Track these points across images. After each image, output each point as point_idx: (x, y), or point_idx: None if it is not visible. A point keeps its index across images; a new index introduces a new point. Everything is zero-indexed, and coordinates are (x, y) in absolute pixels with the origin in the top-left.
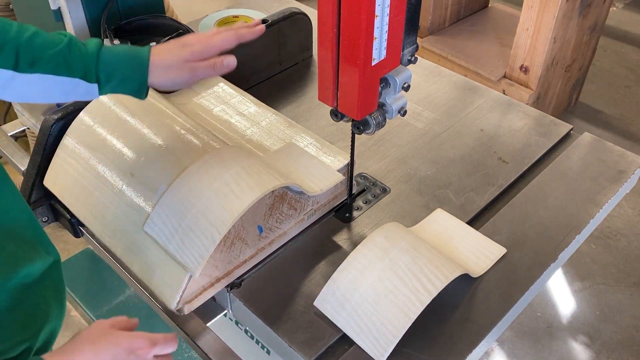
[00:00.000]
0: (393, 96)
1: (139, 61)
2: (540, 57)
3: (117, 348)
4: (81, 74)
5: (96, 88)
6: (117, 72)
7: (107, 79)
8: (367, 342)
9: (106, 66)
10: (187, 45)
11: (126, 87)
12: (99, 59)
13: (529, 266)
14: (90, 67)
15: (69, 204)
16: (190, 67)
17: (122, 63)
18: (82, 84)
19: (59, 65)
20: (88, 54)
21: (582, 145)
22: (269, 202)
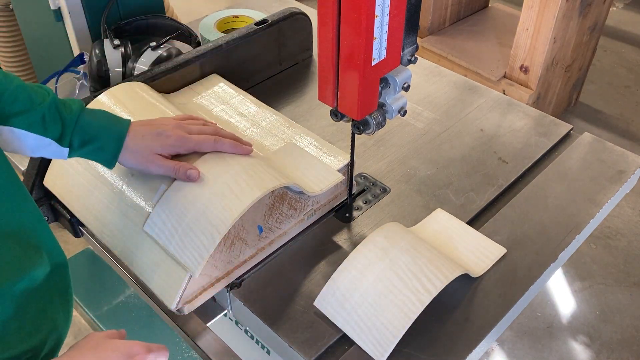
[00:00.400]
0: (393, 96)
1: (115, 136)
2: (540, 57)
3: (117, 353)
4: (56, 136)
5: (66, 152)
6: (92, 142)
7: (80, 146)
8: (367, 342)
9: (82, 134)
10: (163, 136)
11: (97, 157)
12: (77, 125)
13: (529, 266)
14: (67, 132)
15: (69, 204)
16: (154, 161)
17: (100, 134)
18: (53, 145)
19: (34, 123)
20: (67, 119)
21: (582, 145)
22: (269, 202)
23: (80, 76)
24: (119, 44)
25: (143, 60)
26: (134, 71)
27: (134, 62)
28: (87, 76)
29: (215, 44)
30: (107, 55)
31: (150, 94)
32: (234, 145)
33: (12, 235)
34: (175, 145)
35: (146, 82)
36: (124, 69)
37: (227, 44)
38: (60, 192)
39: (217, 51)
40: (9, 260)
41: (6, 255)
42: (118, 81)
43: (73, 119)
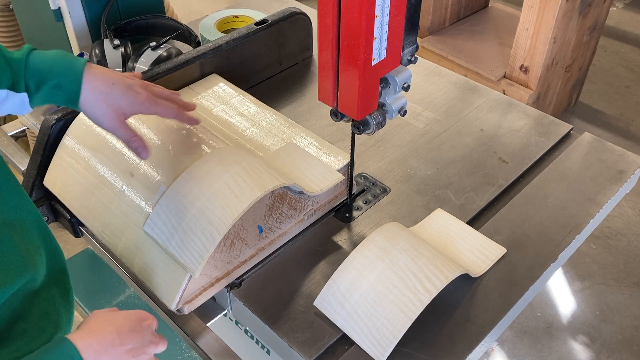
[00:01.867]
0: (393, 96)
1: (71, 71)
2: (540, 57)
3: (129, 320)
4: (8, 84)
5: (26, 98)
6: (47, 80)
7: (36, 87)
8: (367, 342)
9: (36, 74)
10: (132, 91)
11: (57, 97)
12: (27, 65)
13: (529, 266)
14: (19, 75)
15: (69, 204)
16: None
17: (54, 70)
18: (10, 95)
19: None
20: (14, 60)
21: (582, 145)
22: (269, 202)
23: None
24: (119, 44)
25: (143, 60)
26: (134, 71)
27: (134, 62)
28: None
29: (215, 44)
30: (107, 55)
31: None
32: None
33: (16, 232)
34: (143, 106)
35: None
36: (124, 69)
37: (227, 44)
38: (60, 192)
39: (217, 51)
40: (14, 258)
41: (11, 253)
42: None
43: (21, 60)
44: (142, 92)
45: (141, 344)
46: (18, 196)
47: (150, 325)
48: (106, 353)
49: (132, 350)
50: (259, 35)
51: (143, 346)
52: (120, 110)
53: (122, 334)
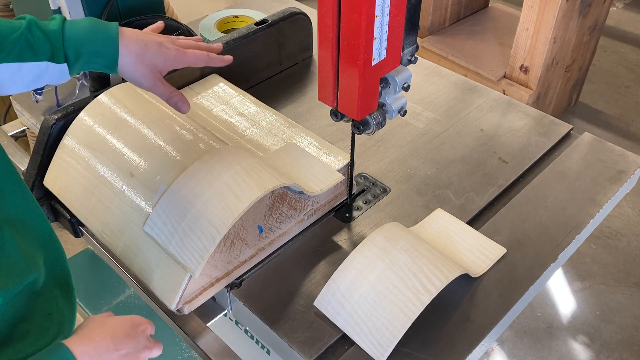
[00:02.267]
0: (393, 96)
1: (107, 37)
2: (540, 57)
3: (124, 325)
4: (48, 56)
5: (66, 68)
6: (86, 48)
7: (76, 57)
8: (367, 342)
9: (74, 44)
10: (163, 47)
11: (97, 64)
12: (64, 36)
13: (529, 266)
14: (57, 47)
15: (69, 204)
16: (155, 78)
17: (90, 38)
18: (51, 66)
19: (22, 51)
20: (52, 33)
21: (582, 145)
22: (269, 202)
23: (80, 76)
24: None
25: None
26: None
27: None
28: (87, 76)
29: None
30: None
31: (150, 94)
32: (220, 59)
33: (18, 232)
34: (175, 60)
35: None
36: None
37: (227, 44)
38: (60, 192)
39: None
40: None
41: (13, 254)
42: (118, 81)
43: (58, 32)
44: (171, 47)
45: (135, 349)
46: (22, 196)
47: (144, 330)
48: (101, 358)
49: (127, 355)
50: (259, 35)
51: (137, 351)
52: (156, 68)
53: (117, 339)
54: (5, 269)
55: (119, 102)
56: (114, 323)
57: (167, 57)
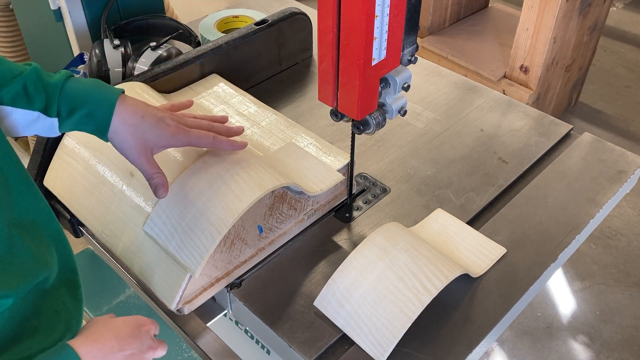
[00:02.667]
0: (393, 96)
1: (105, 101)
2: (540, 57)
3: (128, 326)
4: (41, 107)
5: (56, 123)
6: (80, 108)
7: (68, 113)
8: (367, 342)
9: (69, 100)
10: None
11: (88, 125)
12: (62, 91)
13: (529, 266)
14: (52, 100)
15: (69, 204)
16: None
17: (88, 99)
18: (41, 117)
19: (17, 96)
20: (51, 85)
21: (582, 145)
22: (269, 202)
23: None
24: (119, 44)
25: (143, 60)
26: (134, 71)
27: (134, 62)
28: (87, 76)
29: (215, 44)
30: (107, 55)
31: (150, 94)
32: (230, 143)
33: (27, 232)
34: (173, 138)
35: (146, 82)
36: (124, 69)
37: (227, 44)
38: (60, 192)
39: (217, 51)
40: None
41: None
42: (118, 81)
43: (57, 85)
44: (172, 125)
45: (140, 350)
46: (31, 196)
47: (149, 330)
48: (106, 358)
49: (132, 356)
50: (259, 35)
51: (141, 352)
52: (148, 144)
53: (121, 340)
54: (15, 269)
55: None
56: (118, 323)
57: (163, 134)
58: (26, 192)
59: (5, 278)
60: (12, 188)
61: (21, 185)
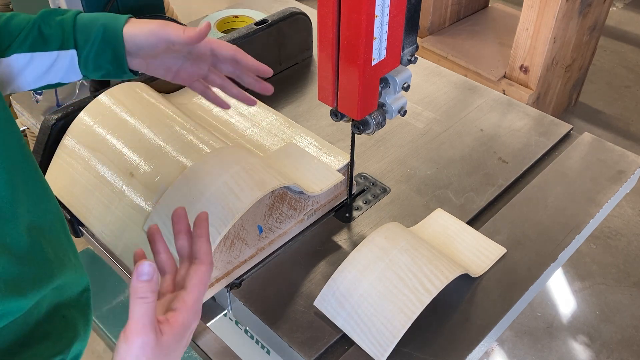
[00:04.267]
0: (393, 96)
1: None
2: (540, 57)
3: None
4: (58, 45)
5: (75, 56)
6: (94, 30)
7: (85, 41)
8: (367, 342)
9: (83, 28)
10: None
11: (105, 51)
12: (76, 22)
13: (529, 266)
14: (68, 32)
15: (69, 204)
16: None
17: (99, 22)
18: (61, 54)
19: (35, 41)
20: (64, 20)
21: (582, 145)
22: (269, 202)
23: None
24: None
25: None
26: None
27: None
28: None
29: None
30: None
31: (150, 94)
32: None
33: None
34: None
35: (146, 82)
36: None
37: None
38: (60, 192)
39: None
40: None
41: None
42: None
43: (71, 19)
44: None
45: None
46: (47, 199)
47: None
48: None
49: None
50: (259, 35)
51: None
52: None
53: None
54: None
55: (119, 102)
56: None
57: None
58: (43, 195)
59: (23, 281)
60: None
61: (39, 189)
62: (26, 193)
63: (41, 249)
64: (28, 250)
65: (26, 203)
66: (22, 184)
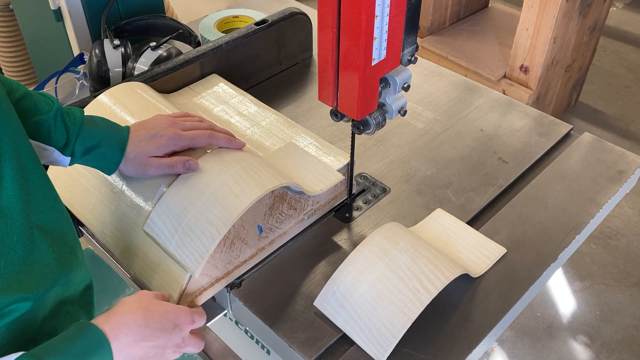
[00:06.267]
0: (393, 96)
1: (117, 143)
2: (540, 57)
3: (165, 319)
4: (60, 146)
5: (67, 160)
6: (94, 150)
7: (82, 154)
8: (367, 342)
9: (85, 142)
10: (157, 137)
11: (98, 164)
12: (80, 134)
13: (529, 266)
14: (70, 141)
15: (69, 204)
16: (150, 164)
17: (102, 142)
18: (55, 153)
19: (40, 133)
20: (71, 128)
21: (582, 145)
22: (269, 202)
23: (80, 76)
24: (119, 44)
25: (143, 60)
26: (134, 71)
27: (134, 62)
28: (87, 76)
29: (215, 44)
30: (107, 55)
31: (150, 94)
32: (228, 139)
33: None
34: (169, 144)
35: (146, 82)
36: (124, 69)
37: (227, 44)
38: (61, 192)
39: (217, 51)
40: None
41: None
42: (118, 81)
43: (76, 128)
44: (165, 135)
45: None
46: (53, 199)
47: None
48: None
49: (153, 348)
50: (259, 35)
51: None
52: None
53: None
54: (37, 271)
55: (119, 102)
56: (157, 313)
57: (159, 145)
58: (50, 196)
59: (26, 281)
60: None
61: (44, 189)
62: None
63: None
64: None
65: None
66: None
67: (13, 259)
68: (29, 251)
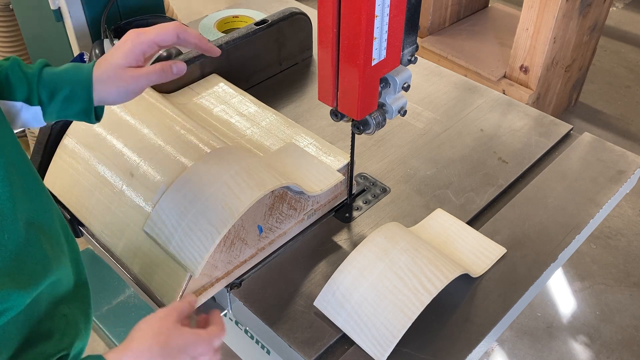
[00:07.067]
0: (393, 96)
1: (81, 79)
2: (540, 57)
3: (183, 354)
4: (24, 97)
5: (39, 111)
6: (59, 91)
7: (49, 99)
8: (367, 342)
9: (48, 85)
10: (119, 45)
11: (71, 109)
12: (40, 78)
13: (529, 266)
14: (33, 88)
15: (69, 204)
16: (127, 75)
17: (64, 80)
18: (24, 108)
19: (2, 87)
20: (30, 74)
21: (582, 145)
22: (269, 202)
23: None
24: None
25: None
26: None
27: None
28: None
29: (215, 44)
30: None
31: (150, 94)
32: (198, 35)
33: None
34: (134, 45)
35: None
36: None
37: (227, 44)
38: (60, 192)
39: None
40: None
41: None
42: None
43: (36, 74)
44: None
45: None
46: (46, 197)
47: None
48: None
49: None
50: (259, 35)
51: None
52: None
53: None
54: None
55: None
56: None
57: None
58: (42, 193)
59: (21, 276)
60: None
61: (36, 186)
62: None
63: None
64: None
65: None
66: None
67: (5, 255)
68: (21, 247)
